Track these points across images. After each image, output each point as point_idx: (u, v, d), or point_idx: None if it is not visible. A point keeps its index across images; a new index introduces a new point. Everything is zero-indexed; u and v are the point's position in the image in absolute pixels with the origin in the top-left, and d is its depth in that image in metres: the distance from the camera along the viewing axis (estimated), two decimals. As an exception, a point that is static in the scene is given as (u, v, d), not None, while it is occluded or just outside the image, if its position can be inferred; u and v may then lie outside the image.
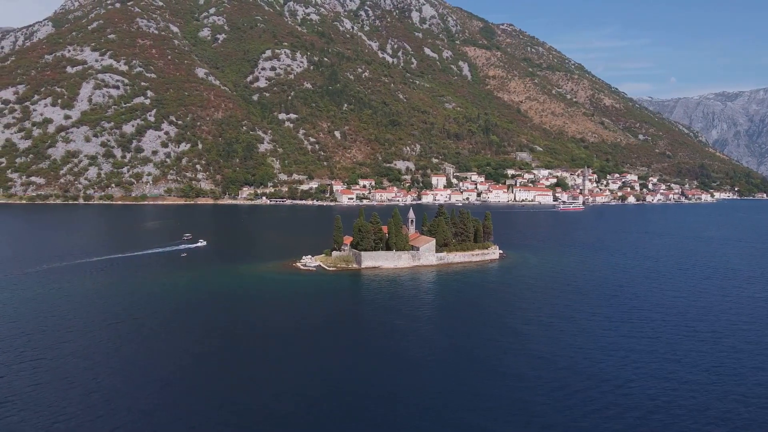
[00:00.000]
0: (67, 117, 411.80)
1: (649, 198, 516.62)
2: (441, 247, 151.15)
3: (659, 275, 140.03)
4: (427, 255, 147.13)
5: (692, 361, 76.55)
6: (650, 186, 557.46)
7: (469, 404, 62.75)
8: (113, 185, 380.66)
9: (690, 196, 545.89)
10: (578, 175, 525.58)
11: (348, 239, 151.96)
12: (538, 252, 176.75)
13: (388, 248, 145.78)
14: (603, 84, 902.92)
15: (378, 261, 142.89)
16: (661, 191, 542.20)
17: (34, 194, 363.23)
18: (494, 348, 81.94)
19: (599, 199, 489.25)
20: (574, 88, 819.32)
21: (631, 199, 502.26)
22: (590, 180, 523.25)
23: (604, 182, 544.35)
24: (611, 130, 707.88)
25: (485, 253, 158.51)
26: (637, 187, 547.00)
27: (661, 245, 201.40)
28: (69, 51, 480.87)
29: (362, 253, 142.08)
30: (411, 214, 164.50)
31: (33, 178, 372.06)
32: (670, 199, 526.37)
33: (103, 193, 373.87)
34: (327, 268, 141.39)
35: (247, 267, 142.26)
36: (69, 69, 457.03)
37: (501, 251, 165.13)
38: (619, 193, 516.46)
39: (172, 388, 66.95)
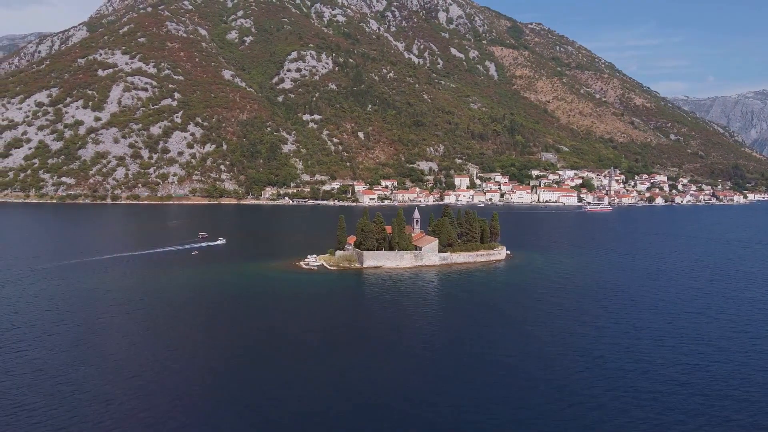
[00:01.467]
0: (97, 119, 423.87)
1: (678, 199, 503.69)
2: (445, 247, 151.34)
3: (663, 277, 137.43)
4: (429, 255, 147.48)
5: (664, 367, 75.69)
6: (680, 187, 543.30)
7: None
8: (140, 185, 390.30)
9: (721, 197, 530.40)
10: (605, 176, 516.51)
11: (352, 239, 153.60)
12: (547, 253, 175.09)
13: (391, 248, 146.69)
14: (634, 83, 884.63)
15: (380, 261, 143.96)
16: (691, 192, 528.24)
17: (64, 194, 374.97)
18: (471, 347, 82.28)
19: (626, 201, 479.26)
20: (603, 88, 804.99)
21: (659, 201, 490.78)
22: (617, 181, 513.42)
23: (632, 183, 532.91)
24: (641, 130, 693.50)
25: (490, 253, 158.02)
26: (666, 188, 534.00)
27: (676, 247, 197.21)
28: (101, 54, 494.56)
29: (364, 252, 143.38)
30: (416, 215, 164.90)
31: (63, 179, 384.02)
32: (700, 201, 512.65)
33: (130, 193, 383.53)
34: (329, 267, 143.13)
35: (253, 265, 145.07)
36: (100, 72, 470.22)
37: (508, 252, 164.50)
38: (647, 194, 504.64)
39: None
